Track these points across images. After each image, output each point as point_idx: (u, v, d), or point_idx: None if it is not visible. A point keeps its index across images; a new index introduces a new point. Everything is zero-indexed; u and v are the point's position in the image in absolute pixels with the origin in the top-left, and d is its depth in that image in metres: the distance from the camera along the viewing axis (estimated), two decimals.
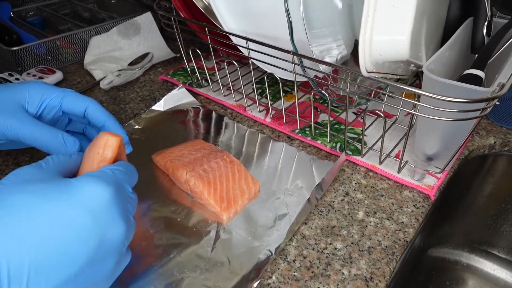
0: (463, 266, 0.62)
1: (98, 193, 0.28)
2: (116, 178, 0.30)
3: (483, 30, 0.47)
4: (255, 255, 0.38)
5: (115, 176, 0.30)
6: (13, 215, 0.25)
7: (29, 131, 0.37)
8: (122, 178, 0.31)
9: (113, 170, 0.31)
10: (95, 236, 0.27)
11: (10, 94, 0.38)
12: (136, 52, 0.75)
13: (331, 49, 0.49)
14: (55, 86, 0.42)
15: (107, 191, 0.28)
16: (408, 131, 0.45)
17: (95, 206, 0.27)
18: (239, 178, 0.45)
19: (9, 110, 0.37)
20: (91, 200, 0.27)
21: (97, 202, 0.28)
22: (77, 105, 0.41)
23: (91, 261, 0.26)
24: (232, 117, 0.59)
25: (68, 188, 0.27)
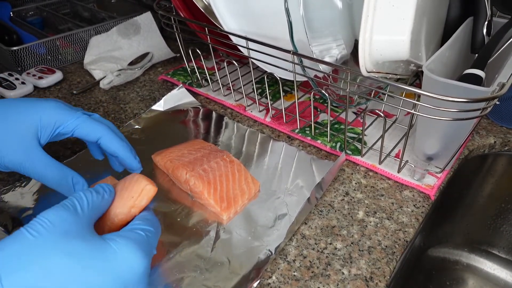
0: (463, 266, 0.62)
1: (134, 265, 0.27)
2: (149, 243, 0.29)
3: (483, 30, 0.47)
4: (255, 255, 0.38)
5: (148, 241, 0.29)
6: (51, 279, 0.24)
7: (40, 171, 0.36)
8: (153, 242, 0.30)
9: (146, 233, 0.30)
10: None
11: (23, 119, 0.37)
12: (136, 52, 0.75)
13: (331, 48, 0.49)
14: (69, 106, 0.40)
15: (143, 264, 0.27)
16: (408, 131, 0.45)
17: (129, 278, 0.26)
18: (239, 178, 0.45)
19: (21, 145, 0.36)
20: (126, 272, 0.26)
21: (132, 275, 0.27)
22: (90, 134, 0.39)
23: None
24: (232, 117, 0.59)
25: (106, 253, 0.26)
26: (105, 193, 0.31)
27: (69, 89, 0.67)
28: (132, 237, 0.28)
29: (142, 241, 0.28)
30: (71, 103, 0.63)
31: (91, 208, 0.29)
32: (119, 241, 0.27)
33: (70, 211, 0.27)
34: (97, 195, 0.30)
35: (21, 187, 0.45)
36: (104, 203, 0.31)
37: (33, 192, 0.45)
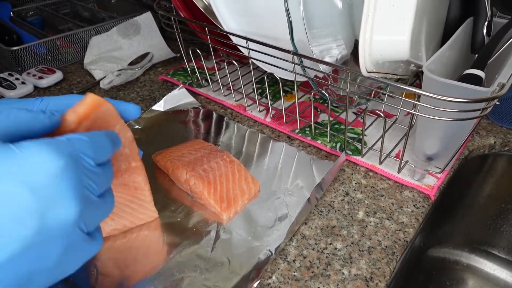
0: (463, 266, 0.62)
1: (41, 164, 0.23)
2: (71, 148, 0.25)
3: (483, 30, 0.47)
4: (255, 255, 0.38)
5: (70, 145, 0.26)
6: None
7: None
8: (80, 148, 0.26)
9: (69, 139, 0.26)
10: (35, 215, 0.23)
11: None
12: (136, 52, 0.75)
13: (331, 49, 0.49)
14: None
15: (53, 162, 0.24)
16: (408, 131, 0.45)
17: (37, 180, 0.23)
18: (239, 178, 0.45)
19: None
20: (32, 173, 0.23)
21: (40, 175, 0.23)
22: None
23: (29, 245, 0.23)
24: (232, 117, 0.59)
25: (4, 156, 0.23)
26: (46, 117, 0.28)
27: (69, 89, 0.67)
28: (43, 141, 0.24)
29: (57, 144, 0.25)
30: None
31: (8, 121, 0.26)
32: (24, 144, 0.24)
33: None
34: (24, 112, 0.27)
35: None
36: (36, 123, 0.27)
37: None
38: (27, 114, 0.27)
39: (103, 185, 0.28)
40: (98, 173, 0.27)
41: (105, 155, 0.29)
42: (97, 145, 0.28)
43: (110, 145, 0.30)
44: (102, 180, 0.28)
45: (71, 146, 0.25)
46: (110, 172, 0.30)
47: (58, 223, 0.23)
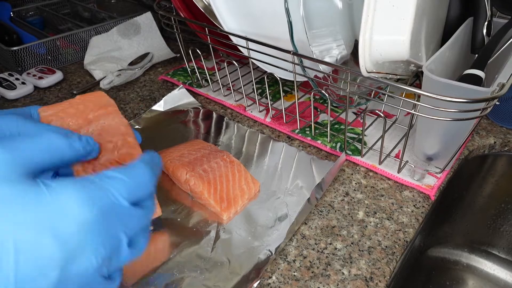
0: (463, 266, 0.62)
1: (71, 212, 0.22)
2: (105, 193, 0.23)
3: (483, 30, 0.47)
4: (255, 255, 0.38)
5: (104, 190, 0.24)
6: None
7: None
8: (115, 191, 0.24)
9: (104, 180, 0.24)
10: (58, 266, 0.21)
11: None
12: (136, 52, 0.75)
13: (331, 49, 0.49)
14: None
15: (84, 212, 0.22)
16: (408, 131, 0.45)
17: (64, 229, 0.21)
18: (239, 178, 0.45)
19: None
20: (60, 221, 0.21)
21: (67, 224, 0.21)
22: None
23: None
24: (232, 117, 0.59)
25: (32, 198, 0.21)
26: (77, 140, 0.26)
27: (69, 89, 0.67)
28: (75, 186, 0.23)
29: (88, 189, 0.23)
30: None
31: (41, 149, 0.24)
32: (54, 185, 0.22)
33: (6, 149, 0.23)
34: (62, 136, 0.25)
35: None
36: (72, 151, 0.26)
37: None
38: (63, 141, 0.26)
39: (137, 225, 0.26)
40: (133, 214, 0.25)
41: (144, 193, 0.27)
42: (136, 184, 0.26)
43: (151, 180, 0.27)
44: (137, 221, 0.26)
45: (105, 192, 0.24)
46: (148, 209, 0.27)
47: (80, 271, 0.22)
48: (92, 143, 0.28)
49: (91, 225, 0.22)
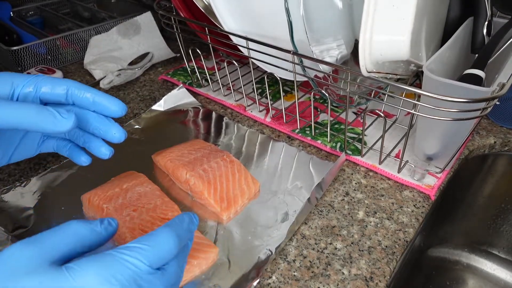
0: (463, 266, 0.62)
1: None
2: (127, 272, 0.24)
3: (483, 30, 0.47)
4: (255, 255, 0.38)
5: (123, 259, 0.25)
6: None
7: (4, 110, 0.29)
8: (135, 260, 0.25)
9: (121, 250, 0.25)
10: None
11: None
12: (136, 52, 0.75)
13: (331, 49, 0.49)
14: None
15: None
16: (408, 131, 0.45)
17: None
18: (239, 178, 0.45)
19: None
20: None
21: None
22: (56, 87, 0.33)
23: None
24: (232, 117, 0.59)
25: (56, 283, 0.23)
26: (98, 224, 0.27)
27: None
28: (97, 260, 0.24)
29: (107, 263, 0.24)
30: None
31: (65, 238, 0.25)
32: (76, 268, 0.24)
33: (35, 244, 0.24)
34: (83, 224, 0.27)
35: (21, 187, 0.45)
36: (97, 237, 0.27)
37: (33, 192, 0.45)
38: (87, 229, 0.27)
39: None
40: (155, 279, 0.26)
41: (167, 257, 0.27)
42: (157, 251, 0.26)
43: (174, 244, 0.27)
44: (160, 285, 0.26)
45: (124, 264, 0.25)
46: (171, 272, 0.27)
47: None
48: (114, 224, 0.29)
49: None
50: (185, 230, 0.29)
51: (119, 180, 0.44)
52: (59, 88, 0.34)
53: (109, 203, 0.40)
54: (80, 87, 0.35)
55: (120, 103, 0.35)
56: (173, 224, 0.29)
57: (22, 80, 0.32)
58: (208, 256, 0.37)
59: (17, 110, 0.29)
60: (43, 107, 0.30)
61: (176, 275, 0.28)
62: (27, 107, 0.30)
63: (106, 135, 0.35)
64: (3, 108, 0.29)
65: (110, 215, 0.39)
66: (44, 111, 0.30)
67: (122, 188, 0.42)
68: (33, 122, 0.30)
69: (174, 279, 0.28)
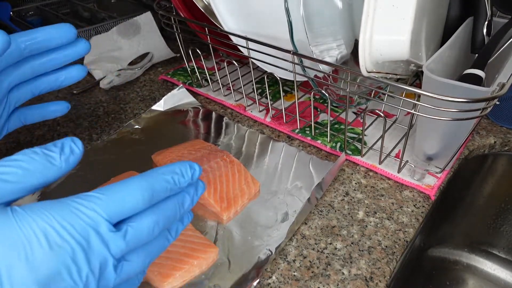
0: (463, 266, 0.62)
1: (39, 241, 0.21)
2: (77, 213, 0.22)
3: (483, 29, 0.47)
4: (255, 255, 0.38)
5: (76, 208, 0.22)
6: None
7: None
8: (90, 211, 0.22)
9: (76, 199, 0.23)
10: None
11: None
12: (136, 52, 0.75)
13: (331, 48, 0.49)
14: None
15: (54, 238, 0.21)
16: (408, 131, 0.45)
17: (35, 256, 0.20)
18: (239, 178, 0.45)
19: None
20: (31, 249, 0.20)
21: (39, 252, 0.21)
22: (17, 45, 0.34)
23: None
24: (232, 117, 0.59)
25: (5, 228, 0.21)
26: (58, 155, 0.24)
27: (69, 89, 0.67)
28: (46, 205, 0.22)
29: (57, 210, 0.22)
30: (71, 103, 0.63)
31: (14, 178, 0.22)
32: (23, 213, 0.22)
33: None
34: (38, 158, 0.23)
35: None
36: (52, 171, 0.23)
37: None
38: (42, 162, 0.23)
39: (120, 249, 0.23)
40: (115, 238, 0.23)
41: (129, 208, 0.24)
42: (115, 201, 0.23)
43: (143, 198, 0.24)
44: (120, 245, 0.23)
45: (79, 221, 0.22)
46: (140, 230, 0.24)
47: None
48: (78, 151, 0.25)
49: (62, 249, 0.21)
50: (165, 181, 0.25)
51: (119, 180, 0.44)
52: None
53: None
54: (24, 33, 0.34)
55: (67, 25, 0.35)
56: (149, 173, 0.25)
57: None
58: (208, 256, 0.37)
59: None
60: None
61: (149, 234, 0.25)
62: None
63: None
64: None
65: None
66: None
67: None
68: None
69: (146, 238, 0.25)
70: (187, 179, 0.27)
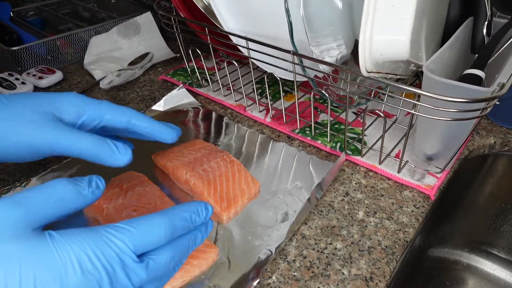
0: (463, 266, 0.62)
1: (74, 267, 0.23)
2: (108, 242, 0.24)
3: (483, 30, 0.47)
4: (255, 255, 0.38)
5: (107, 237, 0.24)
6: None
7: (67, 141, 0.31)
8: (119, 241, 0.25)
9: (108, 229, 0.25)
10: None
11: (41, 103, 0.33)
12: (136, 52, 0.75)
13: (331, 49, 0.49)
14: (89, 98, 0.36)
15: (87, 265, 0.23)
16: (408, 131, 0.45)
17: (69, 282, 0.22)
18: (239, 178, 0.45)
19: (40, 121, 0.32)
20: (66, 275, 0.22)
21: (73, 278, 0.22)
22: (119, 116, 0.36)
23: None
24: (232, 117, 0.59)
25: (42, 254, 0.22)
26: (86, 187, 0.27)
27: (69, 89, 0.67)
28: (81, 233, 0.24)
29: (92, 238, 0.24)
30: None
31: (50, 203, 0.24)
32: (61, 239, 0.23)
33: (20, 207, 0.23)
34: (71, 187, 0.26)
35: (21, 187, 0.45)
36: (83, 201, 0.26)
37: None
38: (73, 191, 0.26)
39: (141, 279, 0.25)
40: (137, 269, 0.25)
41: (154, 243, 0.26)
42: (144, 235, 0.26)
43: (164, 231, 0.26)
44: (141, 276, 0.25)
45: (110, 250, 0.24)
46: (158, 264, 0.26)
47: None
48: (102, 186, 0.28)
49: (92, 275, 0.23)
50: (184, 219, 0.28)
51: (119, 180, 0.44)
52: (122, 117, 0.36)
53: (109, 203, 0.40)
54: (140, 117, 0.38)
55: (172, 131, 0.39)
56: (170, 211, 0.28)
57: (88, 105, 0.35)
58: (208, 256, 0.37)
59: (80, 140, 0.32)
60: (103, 141, 0.33)
61: (165, 267, 0.27)
62: (89, 139, 0.32)
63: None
64: (67, 137, 0.31)
65: (110, 215, 0.39)
66: (104, 145, 0.32)
67: (122, 188, 0.42)
68: (94, 154, 0.32)
69: (162, 270, 0.27)
70: (201, 218, 0.30)
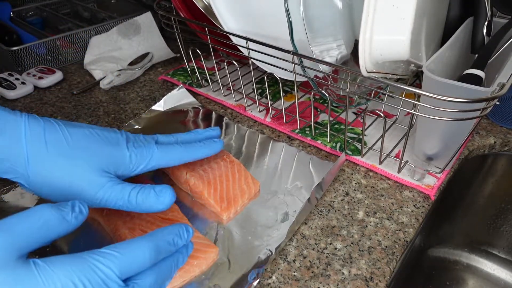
0: (463, 266, 0.62)
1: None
2: (93, 268, 0.24)
3: (483, 30, 0.47)
4: (255, 255, 0.38)
5: (92, 263, 0.25)
6: None
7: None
8: (105, 267, 0.25)
9: (93, 255, 0.25)
10: None
11: None
12: (136, 52, 0.75)
13: (331, 49, 0.49)
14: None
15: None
16: (408, 131, 0.45)
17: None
18: (239, 178, 0.45)
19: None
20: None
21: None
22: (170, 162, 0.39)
23: None
24: (232, 117, 0.59)
25: (27, 283, 0.22)
26: (69, 212, 0.27)
27: (69, 89, 0.67)
28: (66, 260, 0.24)
29: (76, 265, 0.24)
30: (71, 103, 0.63)
31: (34, 229, 0.24)
32: (46, 266, 0.23)
33: (4, 233, 0.23)
34: (54, 212, 0.26)
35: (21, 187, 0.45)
36: (64, 225, 0.26)
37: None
38: (57, 217, 0.26)
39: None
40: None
41: (139, 267, 0.27)
42: (130, 260, 0.26)
43: (149, 256, 0.27)
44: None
45: (95, 276, 0.24)
46: (145, 286, 0.27)
47: None
48: (85, 212, 0.28)
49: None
50: (167, 243, 0.29)
51: None
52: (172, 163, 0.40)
53: None
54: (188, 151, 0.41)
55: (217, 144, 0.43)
56: (154, 234, 0.29)
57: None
58: (208, 256, 0.37)
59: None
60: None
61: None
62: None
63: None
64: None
65: (110, 215, 0.39)
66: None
67: None
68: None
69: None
70: (183, 240, 0.31)
